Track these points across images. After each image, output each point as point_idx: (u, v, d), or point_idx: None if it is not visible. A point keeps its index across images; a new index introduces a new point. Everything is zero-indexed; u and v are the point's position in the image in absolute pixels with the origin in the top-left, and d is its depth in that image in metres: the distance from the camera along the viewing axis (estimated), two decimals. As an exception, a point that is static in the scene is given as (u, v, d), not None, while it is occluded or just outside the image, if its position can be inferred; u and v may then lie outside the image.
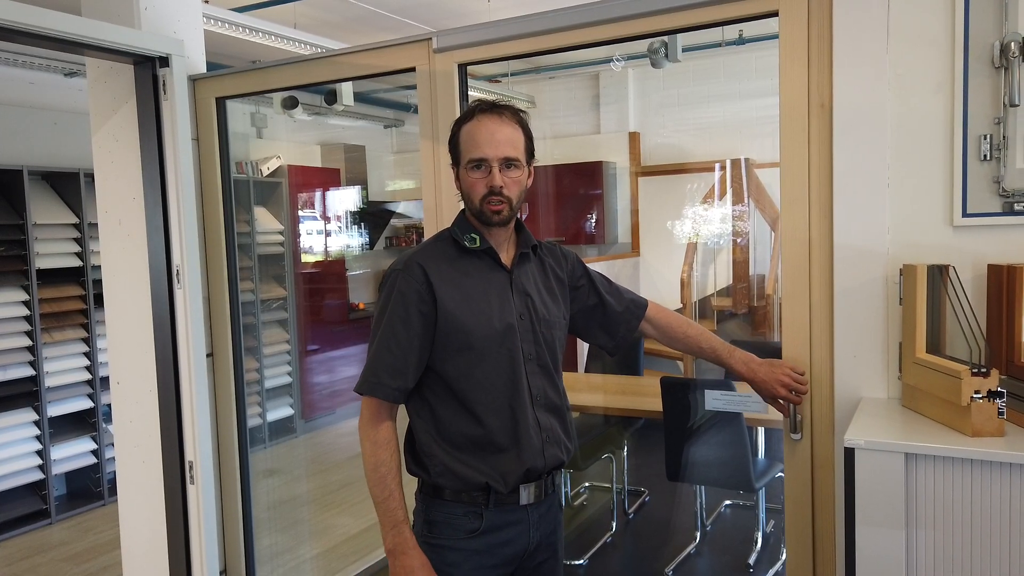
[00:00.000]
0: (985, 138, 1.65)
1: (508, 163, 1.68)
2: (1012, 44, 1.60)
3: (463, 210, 1.78)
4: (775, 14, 1.85)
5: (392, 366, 1.66)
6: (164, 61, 2.54)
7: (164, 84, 2.55)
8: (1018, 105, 1.61)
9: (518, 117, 1.72)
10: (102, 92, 2.70)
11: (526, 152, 1.73)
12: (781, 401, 1.82)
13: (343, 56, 2.48)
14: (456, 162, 1.73)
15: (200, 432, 2.62)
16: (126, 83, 2.64)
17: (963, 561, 1.44)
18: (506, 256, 1.77)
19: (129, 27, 2.55)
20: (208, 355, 2.77)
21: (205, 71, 2.77)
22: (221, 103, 2.75)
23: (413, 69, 2.35)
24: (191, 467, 2.63)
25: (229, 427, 2.82)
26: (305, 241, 6.55)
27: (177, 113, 2.55)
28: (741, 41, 5.48)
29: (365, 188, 7.34)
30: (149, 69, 2.57)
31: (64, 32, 2.23)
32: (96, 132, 2.75)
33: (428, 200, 2.37)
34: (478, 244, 1.72)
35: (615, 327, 1.93)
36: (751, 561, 3.61)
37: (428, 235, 2.39)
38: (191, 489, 2.64)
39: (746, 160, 5.67)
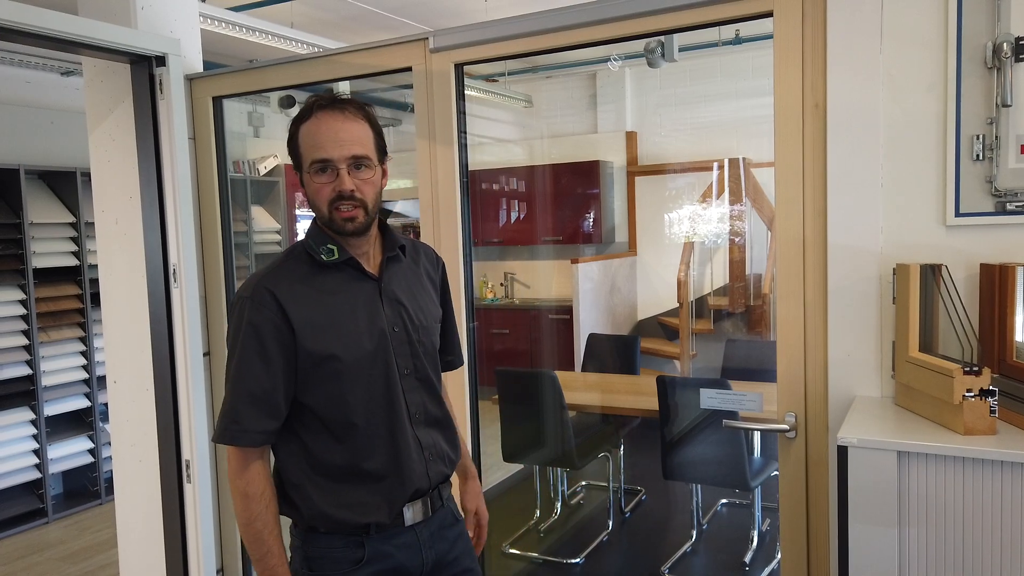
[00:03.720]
0: (978, 138, 1.66)
1: (357, 163, 1.51)
2: (1004, 45, 1.61)
3: (315, 218, 1.60)
4: (770, 15, 1.86)
5: (255, 408, 1.49)
6: (160, 60, 2.55)
7: (161, 83, 2.55)
8: (1010, 105, 1.62)
9: (364, 111, 1.56)
10: (99, 91, 2.71)
11: (377, 150, 1.56)
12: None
13: (340, 56, 2.48)
14: (298, 167, 1.55)
15: (197, 431, 2.62)
16: (123, 82, 2.64)
17: (955, 558, 1.45)
18: (371, 263, 1.62)
19: (126, 26, 2.55)
20: (205, 354, 2.77)
21: (202, 70, 2.77)
22: (218, 102, 2.76)
23: (409, 68, 2.36)
24: (188, 466, 2.63)
25: (226, 426, 2.82)
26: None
27: (173, 112, 2.55)
28: (738, 41, 5.48)
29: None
30: (146, 68, 2.57)
31: (61, 32, 2.24)
32: (93, 131, 2.75)
33: (424, 199, 2.38)
34: (336, 256, 1.55)
35: (445, 360, 1.82)
36: (747, 559, 3.62)
37: (425, 234, 2.40)
38: (188, 488, 2.65)
39: (743, 159, 5.68)
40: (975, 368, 1.46)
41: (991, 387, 1.46)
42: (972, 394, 1.46)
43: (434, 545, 1.63)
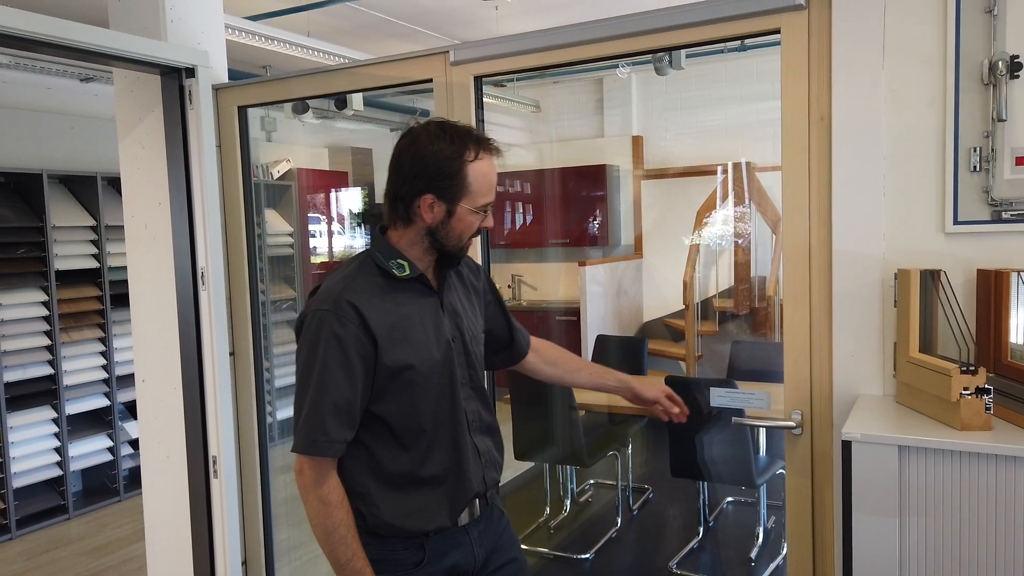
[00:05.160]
0: (975, 150, 1.75)
1: None
2: (1000, 62, 1.70)
3: (381, 227, 1.67)
4: (777, 31, 1.95)
5: (338, 419, 1.54)
6: (190, 72, 2.65)
7: (190, 94, 2.66)
8: (1005, 120, 1.71)
9: None
10: (129, 101, 2.81)
11: None
12: (661, 408, 1.94)
13: (363, 67, 2.58)
14: (452, 197, 1.58)
15: (223, 428, 2.72)
16: (152, 92, 2.74)
17: (952, 547, 1.54)
18: (431, 277, 1.68)
19: (156, 39, 2.65)
20: (230, 354, 2.87)
21: (227, 80, 2.87)
22: (243, 111, 2.85)
23: (430, 80, 2.45)
24: (215, 461, 2.73)
25: (250, 423, 2.91)
26: (314, 243, 6.65)
27: (202, 121, 2.65)
28: (743, 48, 5.57)
29: (372, 190, 7.44)
30: (175, 79, 2.67)
31: (98, 45, 2.34)
32: (123, 139, 2.85)
33: (444, 206, 2.47)
34: (407, 272, 1.62)
35: (508, 351, 1.94)
36: (752, 555, 3.71)
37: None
38: (215, 483, 2.75)
39: (747, 164, 5.77)
40: (971, 368, 1.55)
41: (987, 386, 1.54)
42: (969, 392, 1.54)
43: (483, 543, 1.71)
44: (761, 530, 3.80)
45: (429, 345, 1.61)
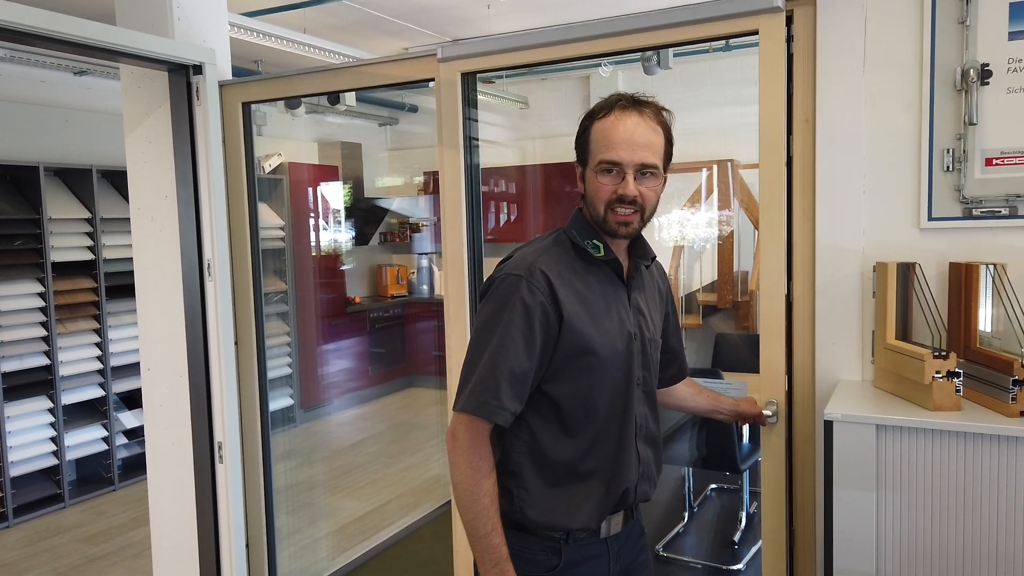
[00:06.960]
0: (948, 152, 1.88)
1: (644, 170, 1.50)
2: (971, 70, 1.83)
3: (579, 209, 1.60)
4: (755, 33, 2.02)
5: (511, 387, 1.46)
6: (198, 69, 2.72)
7: (197, 90, 2.73)
8: (976, 124, 1.84)
9: (661, 117, 1.54)
10: (136, 97, 2.88)
11: (664, 158, 1.54)
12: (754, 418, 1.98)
13: (364, 66, 2.67)
14: (583, 161, 1.55)
15: (228, 414, 2.80)
16: (159, 88, 2.82)
17: (924, 517, 1.67)
18: (624, 265, 1.62)
19: (164, 36, 2.72)
20: (235, 343, 2.95)
21: (231, 77, 2.95)
22: (246, 107, 2.93)
23: (432, 80, 2.54)
24: (220, 447, 2.82)
25: (252, 411, 3.00)
26: (305, 236, 6.72)
27: (209, 117, 2.73)
28: (728, 48, 5.70)
29: (361, 184, 7.51)
30: (183, 76, 2.75)
31: (112, 43, 2.41)
32: (129, 134, 2.92)
33: (444, 200, 2.56)
34: (602, 253, 1.55)
35: (670, 371, 1.87)
36: (736, 539, 3.85)
37: (446, 234, 2.58)
38: (220, 468, 2.83)
39: (731, 162, 5.90)
40: (943, 353, 1.67)
41: (957, 369, 1.67)
42: (940, 375, 1.67)
43: (621, 558, 1.63)
44: (744, 515, 3.94)
45: (614, 335, 1.54)
